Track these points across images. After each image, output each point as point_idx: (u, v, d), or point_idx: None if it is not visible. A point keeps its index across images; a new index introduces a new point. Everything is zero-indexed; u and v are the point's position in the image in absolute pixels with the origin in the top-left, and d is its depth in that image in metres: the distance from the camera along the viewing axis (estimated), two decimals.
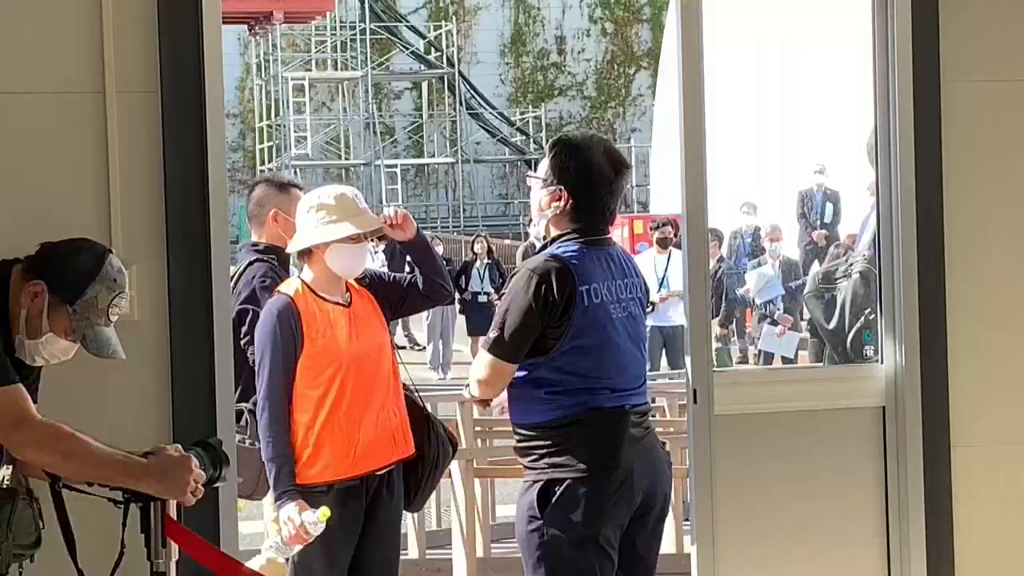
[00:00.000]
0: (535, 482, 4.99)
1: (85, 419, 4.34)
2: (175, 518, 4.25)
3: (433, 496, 9.21)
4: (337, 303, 5.48)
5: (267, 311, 5.47)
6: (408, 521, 8.84)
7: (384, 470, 5.49)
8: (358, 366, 5.43)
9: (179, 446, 4.28)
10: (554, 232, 5.11)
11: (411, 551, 8.68)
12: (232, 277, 6.28)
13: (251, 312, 5.92)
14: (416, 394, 5.76)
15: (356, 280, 5.59)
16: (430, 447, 5.63)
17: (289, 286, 5.52)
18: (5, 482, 4.17)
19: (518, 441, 5.09)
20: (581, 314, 4.96)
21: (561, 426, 4.97)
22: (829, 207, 16.34)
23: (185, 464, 4.19)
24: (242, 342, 5.77)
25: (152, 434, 4.86)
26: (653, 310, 17.20)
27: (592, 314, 4.97)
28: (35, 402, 4.20)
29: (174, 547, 4.25)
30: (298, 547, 5.32)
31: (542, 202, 5.11)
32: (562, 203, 5.05)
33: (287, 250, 5.75)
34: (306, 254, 5.52)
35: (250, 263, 5.99)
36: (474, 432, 8.71)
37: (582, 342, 4.97)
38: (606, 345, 5.01)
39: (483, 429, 8.92)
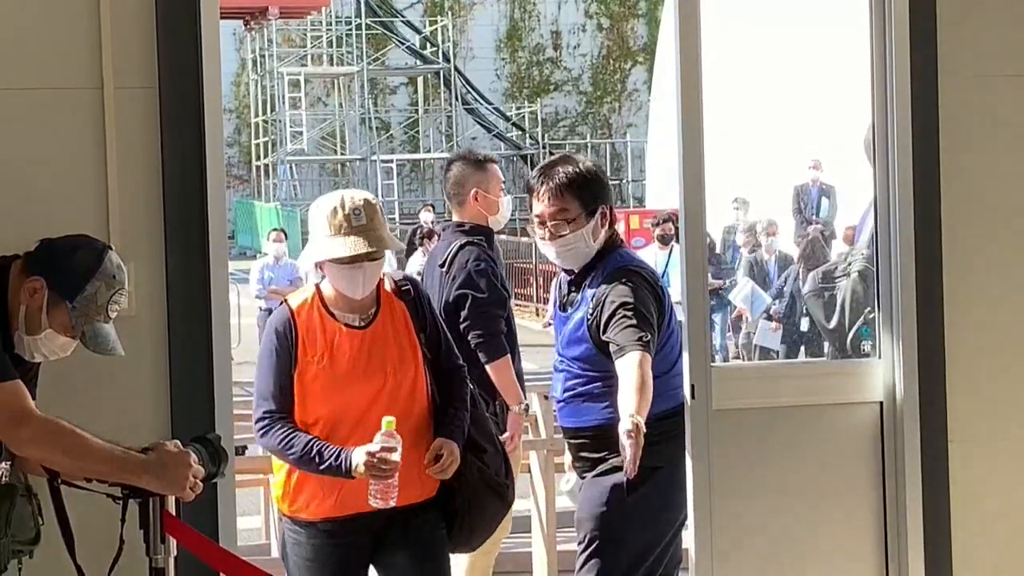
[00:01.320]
0: (619, 469, 5.13)
1: (83, 414, 4.35)
2: (174, 514, 4.26)
3: None
4: (349, 324, 4.89)
5: (267, 324, 4.99)
6: None
7: (379, 511, 4.86)
8: (359, 399, 4.85)
9: (178, 442, 4.29)
10: (592, 245, 5.35)
11: None
12: (443, 261, 6.29)
13: (470, 297, 6.01)
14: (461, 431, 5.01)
15: (396, 288, 4.98)
16: (460, 492, 5.02)
17: (298, 296, 5.00)
18: (4, 478, 4.17)
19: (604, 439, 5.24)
20: (668, 304, 5.37)
21: (666, 417, 5.30)
22: (824, 202, 16.34)
23: (184, 460, 4.20)
24: (461, 327, 5.84)
25: (150, 429, 4.86)
26: None
27: (671, 305, 5.39)
28: (34, 398, 4.20)
29: (173, 543, 4.26)
30: (393, 489, 4.76)
31: (597, 225, 5.36)
32: (607, 218, 5.41)
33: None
34: (319, 264, 4.95)
35: (461, 246, 5.94)
36: None
37: (672, 332, 5.37)
38: (680, 334, 5.43)
39: None
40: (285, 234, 20.88)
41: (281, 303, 5.00)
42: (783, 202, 16.41)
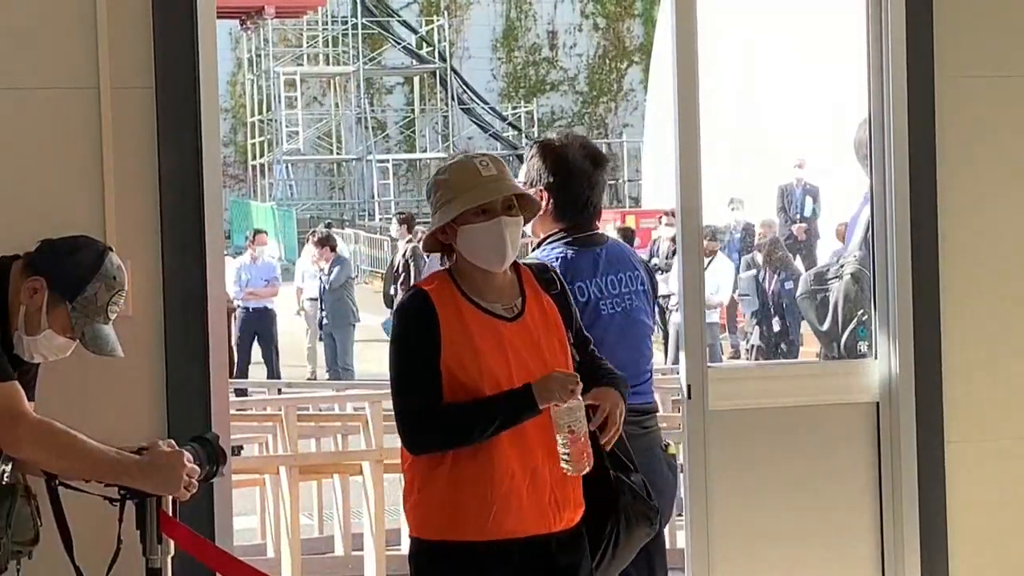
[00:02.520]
0: None
1: (80, 414, 4.35)
2: (170, 514, 4.26)
3: None
4: (494, 313, 4.18)
5: (399, 313, 4.23)
6: (400, 518, 8.84)
7: (538, 538, 4.15)
8: None
9: (172, 441, 4.29)
10: (541, 234, 5.11)
11: (403, 548, 8.69)
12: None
13: None
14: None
15: (538, 277, 4.33)
16: (611, 518, 4.34)
17: (429, 281, 4.26)
18: (5, 478, 4.17)
19: None
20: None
21: None
22: (809, 201, 16.39)
23: (178, 460, 4.20)
24: None
25: (147, 429, 4.86)
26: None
27: (580, 299, 4.91)
28: (31, 399, 4.20)
29: (170, 543, 4.26)
30: (587, 454, 4.08)
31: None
32: (544, 204, 5.01)
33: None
34: (445, 248, 4.26)
35: None
36: None
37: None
38: (596, 343, 4.90)
39: None
40: (267, 235, 20.92)
41: (413, 288, 4.27)
42: (770, 202, 16.47)
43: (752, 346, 15.54)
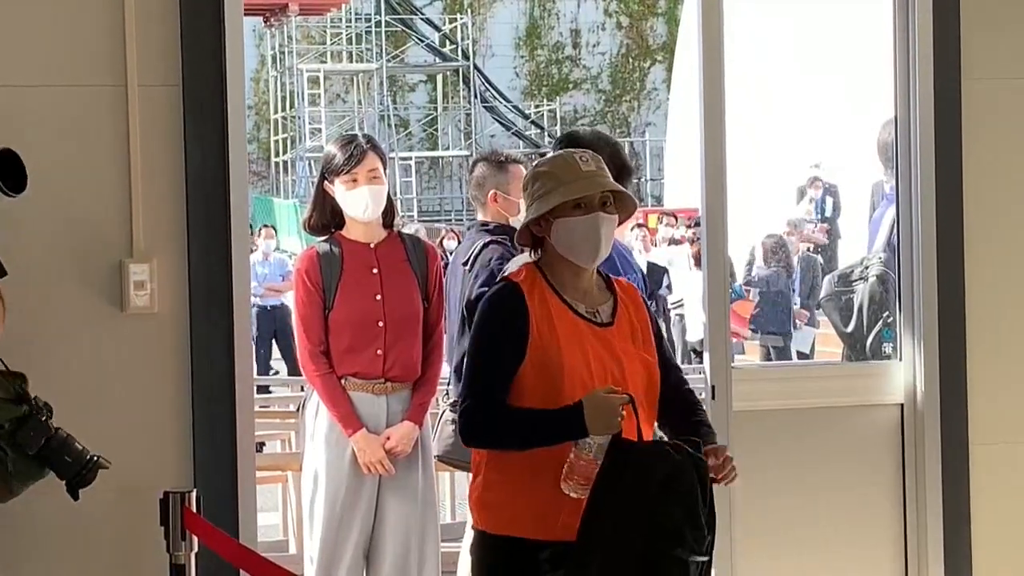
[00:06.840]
0: None
1: (104, 411, 4.37)
2: (195, 511, 4.27)
3: (448, 489, 9.23)
4: (586, 317, 4.12)
5: (487, 304, 4.14)
6: None
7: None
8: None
9: None
10: None
11: None
12: (467, 259, 6.23)
13: None
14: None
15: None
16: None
17: (518, 274, 4.18)
18: None
19: None
20: None
21: None
22: (829, 200, 16.31)
23: None
24: None
25: (171, 426, 4.88)
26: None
27: None
28: None
29: (194, 539, 4.27)
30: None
31: None
32: None
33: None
34: (538, 241, 4.18)
35: (485, 245, 5.91)
36: None
37: None
38: None
39: None
40: (275, 230, 20.95)
41: (502, 280, 4.23)
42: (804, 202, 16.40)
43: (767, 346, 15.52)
